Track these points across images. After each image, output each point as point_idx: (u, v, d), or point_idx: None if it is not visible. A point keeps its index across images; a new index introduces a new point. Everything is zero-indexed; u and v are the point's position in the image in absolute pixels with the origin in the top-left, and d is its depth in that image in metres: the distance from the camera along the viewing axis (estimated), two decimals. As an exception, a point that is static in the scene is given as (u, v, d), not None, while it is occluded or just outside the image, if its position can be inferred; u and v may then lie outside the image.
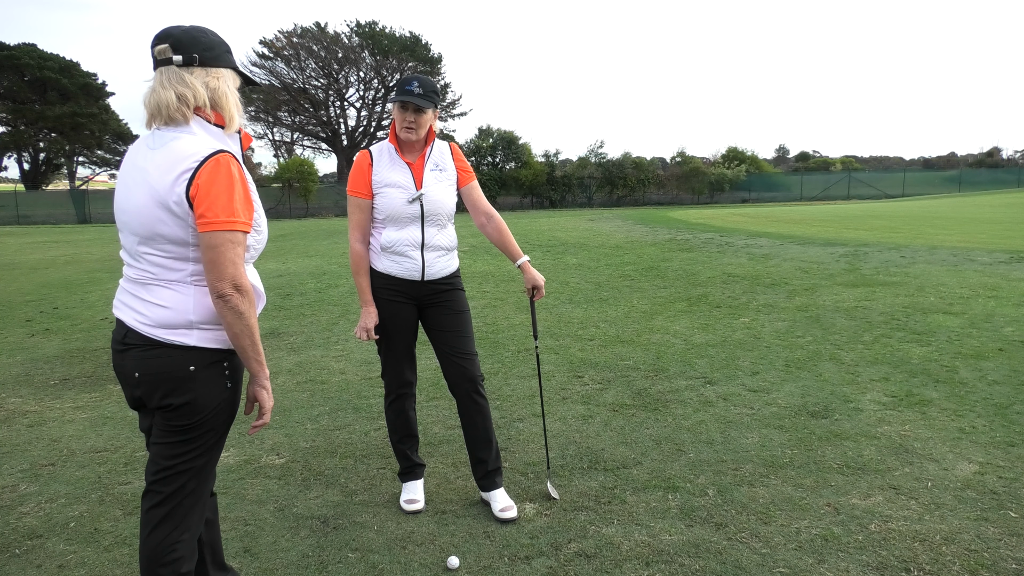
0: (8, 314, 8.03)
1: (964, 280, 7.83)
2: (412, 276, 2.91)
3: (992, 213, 19.58)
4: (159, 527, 1.91)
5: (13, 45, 41.37)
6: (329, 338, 6.28)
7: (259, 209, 1.93)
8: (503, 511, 2.91)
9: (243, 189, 1.82)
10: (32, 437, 3.98)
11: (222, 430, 1.95)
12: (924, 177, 46.76)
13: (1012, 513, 2.81)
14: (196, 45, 1.85)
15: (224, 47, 1.93)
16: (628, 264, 10.30)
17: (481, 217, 3.04)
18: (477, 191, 3.03)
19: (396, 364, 3.03)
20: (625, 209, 31.73)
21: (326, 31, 46.71)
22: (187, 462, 1.90)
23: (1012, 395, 4.14)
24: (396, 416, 3.09)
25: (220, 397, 1.90)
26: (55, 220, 32.92)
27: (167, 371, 1.84)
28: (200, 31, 1.89)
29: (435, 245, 2.93)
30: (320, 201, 37.32)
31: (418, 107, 2.79)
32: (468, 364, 2.96)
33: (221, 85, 1.88)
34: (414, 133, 2.84)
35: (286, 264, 12.05)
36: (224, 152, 1.80)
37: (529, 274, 3.02)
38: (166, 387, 1.85)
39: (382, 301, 2.95)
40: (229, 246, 1.77)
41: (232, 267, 1.77)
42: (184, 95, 1.83)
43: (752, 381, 4.59)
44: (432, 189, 2.88)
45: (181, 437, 1.89)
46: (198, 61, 1.85)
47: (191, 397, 1.86)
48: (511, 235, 3.04)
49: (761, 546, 2.63)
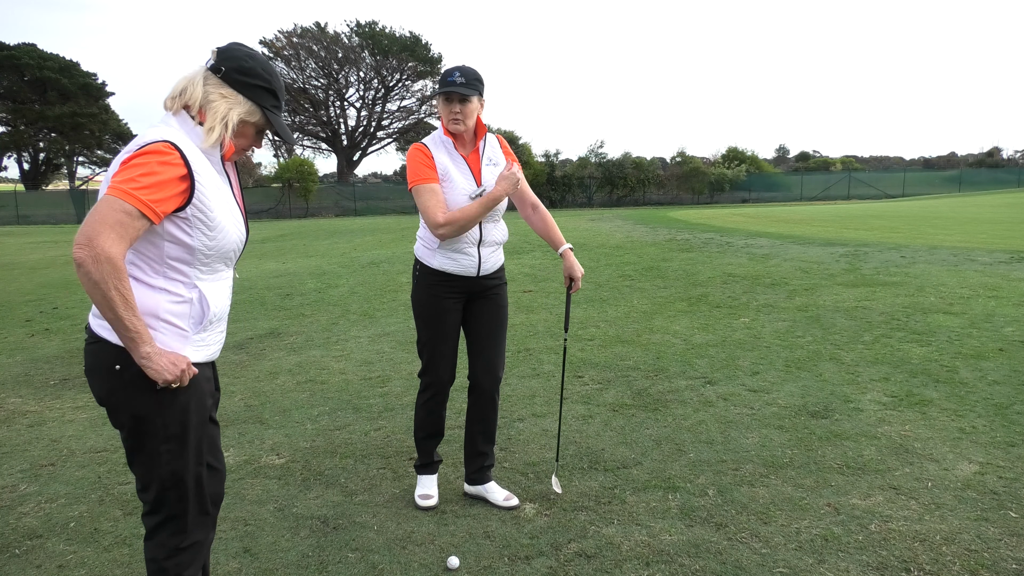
0: (8, 314, 8.03)
1: (964, 280, 7.82)
2: (468, 272, 2.90)
3: (992, 213, 19.57)
4: (155, 534, 1.87)
5: (13, 45, 41.37)
6: (329, 338, 6.28)
7: (213, 212, 1.79)
8: (507, 499, 2.97)
9: (165, 175, 1.67)
10: (32, 437, 3.98)
11: (175, 437, 1.80)
12: (924, 177, 46.74)
13: (1012, 513, 2.81)
14: (233, 62, 1.84)
15: (263, 83, 1.88)
16: (628, 264, 10.30)
17: (528, 208, 3.06)
18: (525, 183, 3.02)
19: (441, 364, 3.01)
20: (625, 209, 31.72)
21: (326, 31, 46.72)
22: (150, 471, 1.81)
23: (1012, 395, 4.14)
24: (428, 415, 3.08)
25: (151, 401, 1.75)
26: (55, 220, 32.90)
27: (96, 367, 1.77)
28: (250, 57, 1.87)
29: (491, 240, 2.93)
30: (320, 201, 37.29)
31: (463, 96, 2.75)
32: (500, 361, 3.00)
33: (220, 102, 1.82)
34: (462, 124, 2.79)
35: (286, 264, 12.05)
36: (163, 141, 1.70)
37: (569, 262, 3.03)
38: (97, 386, 1.78)
39: (436, 299, 2.92)
40: (108, 210, 1.60)
41: (100, 226, 1.58)
42: (185, 90, 1.82)
43: (752, 381, 4.59)
44: (491, 185, 2.86)
45: (130, 443, 1.80)
46: (222, 74, 1.83)
47: (121, 399, 1.76)
48: (555, 224, 3.08)
49: (761, 546, 2.63)
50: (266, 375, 5.14)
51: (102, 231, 1.58)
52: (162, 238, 1.75)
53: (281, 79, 1.95)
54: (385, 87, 48.44)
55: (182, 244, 1.77)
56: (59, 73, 42.04)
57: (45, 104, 41.84)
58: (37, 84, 42.03)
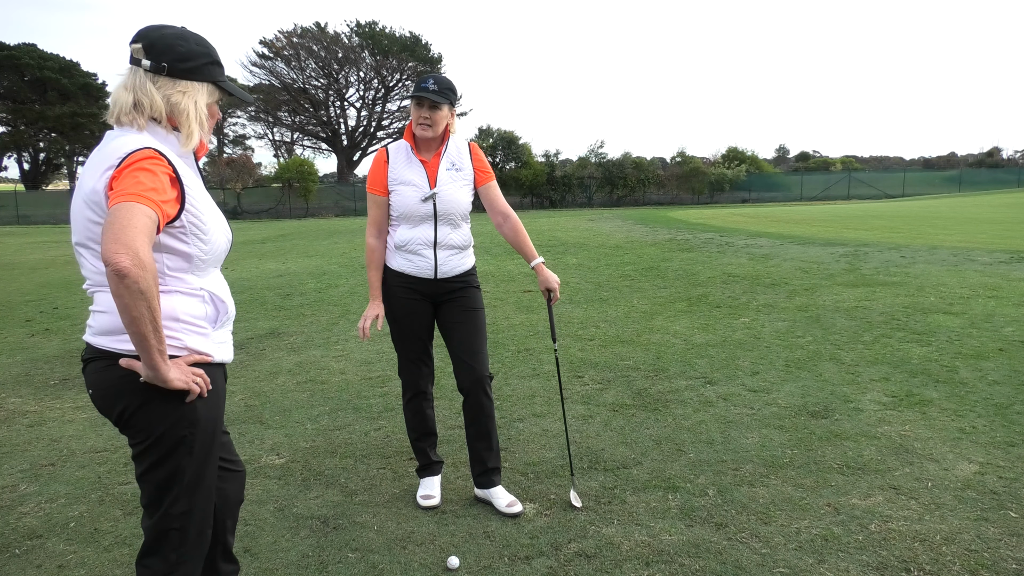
0: (8, 314, 8.03)
1: (964, 280, 7.82)
2: (425, 274, 2.93)
3: (992, 213, 19.57)
4: (155, 548, 1.81)
5: (13, 45, 41.46)
6: (329, 338, 6.28)
7: (204, 216, 1.77)
8: (509, 506, 2.94)
9: (163, 182, 1.63)
10: (32, 437, 3.98)
11: (198, 442, 1.78)
12: (924, 177, 46.76)
13: (1012, 513, 2.81)
14: (169, 53, 1.72)
15: (206, 58, 1.79)
16: (628, 264, 10.30)
17: (498, 217, 3.04)
18: (495, 191, 3.03)
19: (412, 363, 3.05)
20: (625, 209, 31.72)
21: (326, 31, 46.76)
22: (168, 480, 1.75)
23: (1012, 395, 4.14)
24: (413, 415, 3.10)
25: (179, 410, 1.72)
26: (55, 220, 32.91)
27: (114, 383, 1.70)
28: (179, 38, 1.75)
29: (448, 244, 2.93)
30: (320, 201, 37.33)
31: (433, 103, 2.81)
32: (476, 363, 2.96)
33: (184, 100, 1.75)
34: (430, 130, 2.85)
35: (286, 264, 12.05)
36: (147, 148, 1.65)
37: (543, 275, 3.01)
38: (117, 401, 1.71)
39: (397, 299, 2.98)
40: (141, 217, 1.54)
41: (134, 232, 1.51)
42: (141, 102, 1.71)
43: (752, 381, 4.59)
44: (446, 188, 2.89)
45: (151, 458, 1.74)
46: (166, 71, 1.72)
47: (144, 412, 1.71)
48: (527, 236, 3.04)
49: (761, 546, 2.63)
50: (266, 375, 5.14)
51: (139, 239, 1.52)
52: (160, 251, 1.70)
53: (207, 40, 1.84)
54: (385, 87, 48.49)
55: (179, 254, 1.74)
56: (59, 73, 42.10)
57: (45, 104, 41.88)
58: (37, 84, 42.08)
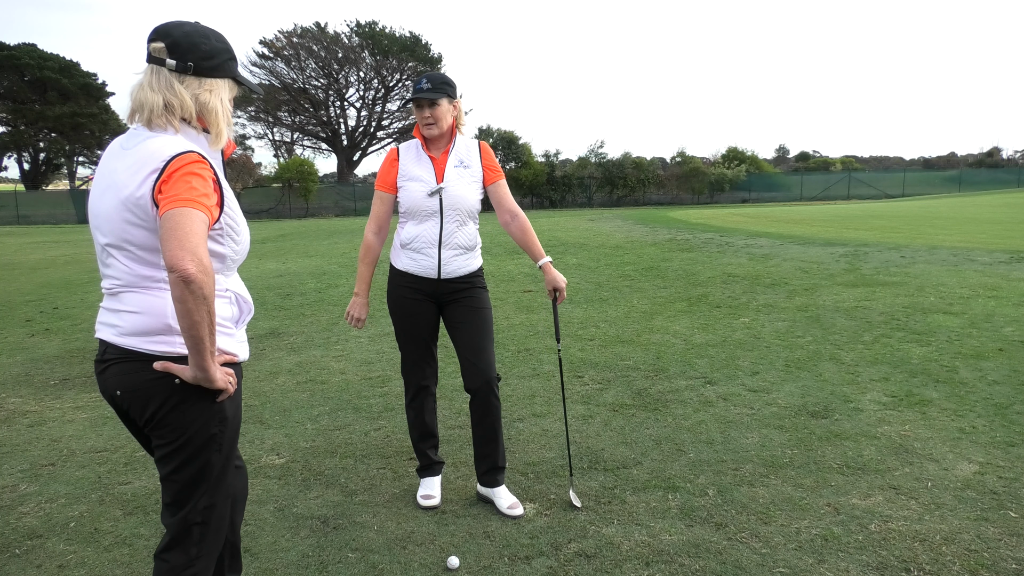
0: (8, 314, 8.03)
1: (964, 280, 7.82)
2: (428, 274, 2.93)
3: (992, 213, 19.57)
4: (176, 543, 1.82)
5: (13, 45, 41.37)
6: (329, 338, 6.28)
7: (237, 218, 1.81)
8: (511, 508, 2.93)
9: (210, 186, 1.67)
10: (32, 437, 3.98)
11: (226, 439, 1.81)
12: (924, 177, 46.75)
13: (1012, 513, 2.81)
14: (194, 52, 1.74)
15: (227, 55, 1.82)
16: (628, 264, 10.30)
17: (506, 215, 3.04)
18: (503, 189, 3.03)
19: (415, 363, 3.05)
20: (625, 209, 31.72)
21: (326, 31, 46.72)
22: (196, 477, 1.78)
23: (1012, 395, 4.14)
24: (416, 415, 3.10)
25: (211, 409, 1.75)
26: (55, 220, 32.91)
27: (146, 385, 1.70)
28: (202, 36, 1.77)
29: (453, 243, 2.92)
30: (320, 201, 37.30)
31: (431, 101, 2.84)
32: (482, 364, 2.95)
33: (212, 99, 1.77)
34: (435, 128, 2.88)
35: (286, 264, 12.05)
36: (191, 152, 1.67)
37: (550, 275, 3.01)
38: (150, 403, 1.72)
39: (401, 299, 2.98)
40: (192, 221, 1.57)
41: (196, 239, 1.56)
42: (171, 103, 1.72)
43: (752, 381, 4.59)
44: (453, 184, 2.89)
45: (181, 456, 1.75)
46: (193, 70, 1.74)
47: (178, 412, 1.72)
48: (535, 235, 3.04)
49: (761, 546, 2.63)
50: (266, 375, 5.14)
51: (201, 245, 1.57)
52: None
53: (223, 35, 1.86)
54: (385, 87, 48.45)
55: (216, 255, 1.76)
56: (59, 73, 42.05)
57: (45, 104, 41.84)
58: (37, 84, 42.04)
